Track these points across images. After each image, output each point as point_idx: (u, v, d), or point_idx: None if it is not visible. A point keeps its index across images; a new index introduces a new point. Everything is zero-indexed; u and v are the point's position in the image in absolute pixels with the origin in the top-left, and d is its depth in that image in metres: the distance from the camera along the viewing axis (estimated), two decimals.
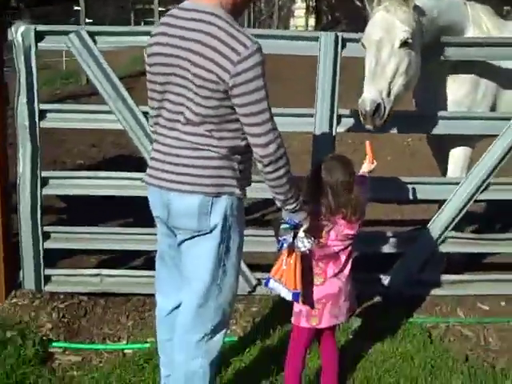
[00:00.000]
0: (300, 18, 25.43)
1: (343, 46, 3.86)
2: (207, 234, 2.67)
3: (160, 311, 3.04)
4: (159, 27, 2.69)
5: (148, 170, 2.78)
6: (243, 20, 19.98)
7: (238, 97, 2.52)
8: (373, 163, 3.40)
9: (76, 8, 13.44)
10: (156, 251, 2.99)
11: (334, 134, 3.93)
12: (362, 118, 3.53)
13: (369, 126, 3.53)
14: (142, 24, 22.73)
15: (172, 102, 2.63)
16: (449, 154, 4.30)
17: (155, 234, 4.08)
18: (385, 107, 3.50)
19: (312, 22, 25.58)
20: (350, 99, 3.61)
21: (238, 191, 2.69)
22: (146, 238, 4.10)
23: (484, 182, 4.05)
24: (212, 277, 2.71)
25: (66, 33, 3.88)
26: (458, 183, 4.09)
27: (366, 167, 3.38)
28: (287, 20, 25.77)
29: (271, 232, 3.09)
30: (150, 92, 2.74)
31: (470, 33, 4.08)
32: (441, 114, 4.01)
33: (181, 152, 2.63)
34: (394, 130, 4.01)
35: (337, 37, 3.83)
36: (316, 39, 3.85)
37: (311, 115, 3.92)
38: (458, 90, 4.09)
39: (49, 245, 4.18)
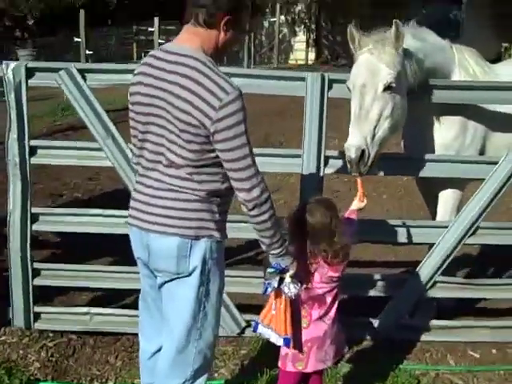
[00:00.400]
0: (300, 52, 25.56)
1: (329, 87, 3.87)
2: (186, 276, 2.69)
3: (142, 354, 3.04)
4: (141, 67, 2.72)
5: (129, 211, 2.80)
6: (243, 52, 20.15)
7: (219, 142, 2.55)
8: (363, 201, 3.42)
9: (76, 39, 13.53)
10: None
11: (321, 174, 3.94)
12: (348, 165, 3.53)
13: (355, 173, 3.53)
14: (143, 55, 22.90)
15: (153, 143, 2.66)
16: (438, 197, 4.31)
17: None
18: (369, 153, 3.49)
19: (312, 55, 25.76)
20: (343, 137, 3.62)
21: (217, 234, 2.71)
22: (137, 277, 4.06)
23: (472, 225, 4.04)
24: (192, 320, 2.72)
25: (56, 70, 3.92)
26: (446, 227, 4.08)
27: (355, 205, 3.41)
28: (288, 53, 25.92)
29: (260, 273, 3.10)
30: (132, 130, 2.77)
31: (457, 76, 4.09)
32: (428, 156, 4.02)
33: (161, 194, 2.65)
34: (382, 173, 4.02)
35: (323, 77, 3.85)
36: (302, 79, 3.86)
37: (299, 156, 3.94)
38: (447, 133, 4.10)
39: (39, 282, 4.18)
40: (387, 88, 3.53)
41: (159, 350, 2.91)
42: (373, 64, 3.56)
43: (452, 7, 23.67)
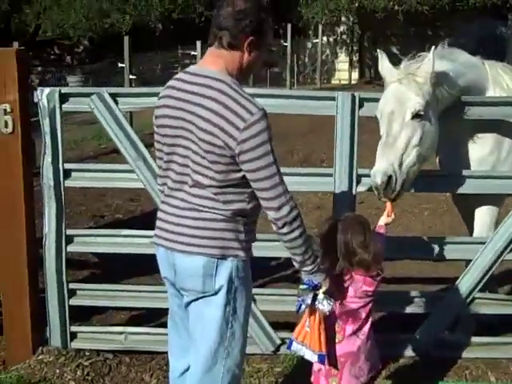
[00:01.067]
0: (343, 72, 25.52)
1: (360, 106, 3.86)
2: (213, 295, 2.68)
3: (172, 372, 3.05)
4: (166, 90, 2.76)
5: (155, 231, 2.82)
6: (286, 73, 20.23)
7: (246, 163, 2.56)
8: (391, 215, 3.41)
9: (121, 65, 13.80)
10: None
11: (353, 193, 3.91)
12: (375, 191, 3.50)
13: (384, 199, 3.50)
14: None
15: (178, 164, 2.69)
16: (475, 214, 4.22)
17: None
18: (396, 179, 3.45)
19: (355, 75, 25.70)
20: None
21: (242, 254, 2.71)
22: None
23: (511, 242, 3.94)
24: (219, 339, 2.71)
25: (89, 95, 4.00)
26: (483, 243, 3.99)
27: (383, 220, 3.40)
28: (331, 73, 25.94)
29: (294, 291, 3.09)
30: (158, 152, 2.81)
31: (491, 92, 4.04)
32: (463, 172, 3.96)
33: (186, 213, 2.67)
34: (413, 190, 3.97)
35: (354, 97, 3.85)
36: (333, 99, 3.87)
37: (330, 175, 3.92)
38: (482, 148, 4.03)
39: (74, 302, 4.23)
40: (416, 116, 3.51)
41: (188, 368, 2.90)
42: (401, 93, 3.55)
43: (497, 23, 23.38)
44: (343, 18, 24.77)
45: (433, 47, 3.59)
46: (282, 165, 2.72)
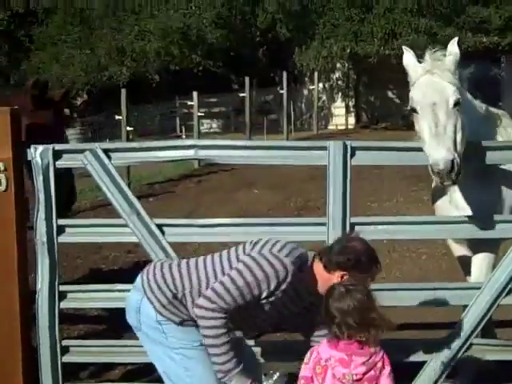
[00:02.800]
0: (340, 117, 25.77)
1: (352, 155, 3.88)
2: None
3: None
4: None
5: None
6: (283, 120, 20.41)
7: None
8: None
9: (118, 117, 13.94)
10: None
11: None
12: (437, 178, 3.57)
13: (448, 183, 3.57)
14: (184, 128, 23.50)
15: None
16: (471, 260, 4.22)
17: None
18: (458, 162, 3.53)
19: (352, 120, 25.95)
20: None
21: None
22: None
23: (506, 285, 3.90)
24: None
25: (82, 151, 4.02)
26: (479, 288, 3.96)
27: None
28: (328, 119, 26.18)
29: None
30: None
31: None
32: (460, 218, 3.97)
33: None
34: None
35: (345, 145, 3.87)
36: (325, 148, 3.89)
37: (324, 224, 3.93)
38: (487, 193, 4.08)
39: (67, 359, 4.17)
40: (456, 104, 3.63)
41: None
42: (437, 83, 3.67)
43: (491, 66, 23.69)
44: (338, 65, 25.11)
45: (456, 38, 3.83)
46: (278, 213, 2.75)
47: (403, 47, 3.91)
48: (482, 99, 4.36)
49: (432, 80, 3.69)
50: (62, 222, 4.10)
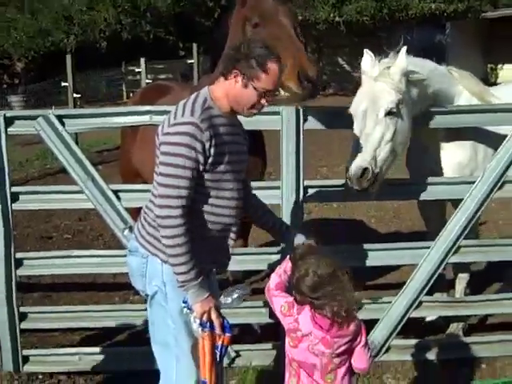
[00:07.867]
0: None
1: (305, 120, 3.94)
2: None
3: None
4: None
5: None
6: None
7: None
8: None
9: (64, 84, 13.63)
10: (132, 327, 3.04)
11: (301, 204, 3.98)
12: (349, 182, 3.63)
13: (356, 187, 3.62)
14: (131, 95, 23.18)
15: None
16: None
17: (134, 310, 4.13)
18: (373, 171, 3.58)
19: None
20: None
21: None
22: (125, 315, 4.18)
23: (454, 244, 4.06)
24: None
25: (35, 117, 3.98)
26: (428, 247, 4.11)
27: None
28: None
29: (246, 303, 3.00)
30: None
31: (462, 99, 4.23)
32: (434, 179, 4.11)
33: None
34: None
35: (298, 110, 3.91)
36: (278, 114, 3.93)
37: (278, 187, 3.99)
38: (461, 153, 4.20)
39: (26, 325, 4.18)
40: (388, 113, 3.64)
41: None
42: (374, 92, 3.68)
43: (436, 31, 23.98)
44: None
45: (404, 47, 3.73)
46: None
47: (365, 51, 3.89)
48: None
49: (371, 88, 3.71)
50: (16, 189, 4.07)
